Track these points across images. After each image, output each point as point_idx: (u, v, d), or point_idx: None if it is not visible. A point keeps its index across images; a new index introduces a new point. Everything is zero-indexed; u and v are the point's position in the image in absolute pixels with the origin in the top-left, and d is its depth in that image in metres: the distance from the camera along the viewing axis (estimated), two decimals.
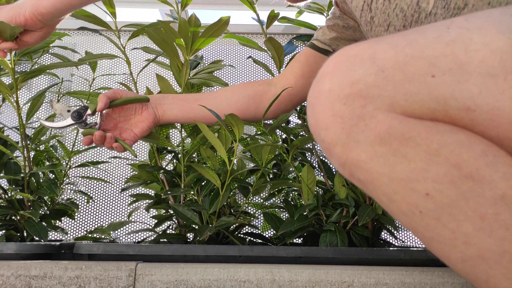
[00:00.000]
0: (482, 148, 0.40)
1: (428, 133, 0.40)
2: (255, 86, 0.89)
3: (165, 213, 0.97)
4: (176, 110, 0.85)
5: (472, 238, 0.39)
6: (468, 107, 0.39)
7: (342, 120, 0.42)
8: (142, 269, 0.62)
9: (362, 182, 0.44)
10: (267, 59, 1.26)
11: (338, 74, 0.43)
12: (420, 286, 0.61)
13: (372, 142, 0.41)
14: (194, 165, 0.86)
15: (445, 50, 0.40)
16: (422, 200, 0.40)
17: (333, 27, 0.84)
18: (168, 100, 0.86)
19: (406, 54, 0.41)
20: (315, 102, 0.44)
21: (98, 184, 1.25)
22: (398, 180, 0.41)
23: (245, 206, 1.01)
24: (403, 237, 1.24)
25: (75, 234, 1.21)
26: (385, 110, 0.41)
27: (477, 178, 0.39)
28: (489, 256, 0.39)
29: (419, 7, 0.57)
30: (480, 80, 0.39)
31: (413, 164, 0.40)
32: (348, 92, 0.42)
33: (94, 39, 1.34)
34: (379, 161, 0.41)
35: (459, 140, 0.40)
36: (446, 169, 0.39)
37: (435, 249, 0.43)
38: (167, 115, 0.85)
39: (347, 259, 0.71)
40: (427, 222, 0.41)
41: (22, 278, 0.61)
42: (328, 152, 0.45)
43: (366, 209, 0.81)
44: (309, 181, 0.87)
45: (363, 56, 0.42)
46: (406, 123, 0.40)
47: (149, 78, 1.32)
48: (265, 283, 0.61)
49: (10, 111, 1.26)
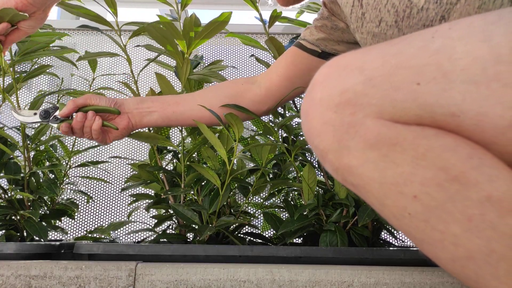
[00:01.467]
0: (468, 151, 0.41)
1: (414, 138, 0.42)
2: (237, 85, 0.87)
3: (165, 213, 0.97)
4: (156, 115, 0.82)
5: (460, 239, 0.40)
6: (453, 113, 0.40)
7: (333, 128, 0.44)
8: (142, 269, 0.62)
9: (355, 187, 0.46)
10: (268, 58, 1.26)
11: (329, 84, 0.45)
12: (420, 286, 0.61)
13: (362, 148, 0.43)
14: (194, 165, 0.86)
15: (430, 60, 0.42)
16: (410, 203, 0.42)
17: (321, 28, 0.83)
18: (146, 104, 0.82)
19: (392, 64, 0.43)
20: (308, 110, 0.46)
21: (98, 184, 1.25)
22: (388, 185, 0.42)
23: (245, 206, 1.01)
24: (403, 237, 1.24)
25: (75, 234, 1.21)
26: (374, 117, 0.42)
27: (463, 180, 0.40)
28: (477, 256, 0.40)
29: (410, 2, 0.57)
30: (464, 87, 0.40)
31: (400, 169, 0.42)
32: (338, 101, 0.44)
33: (94, 39, 1.34)
34: (369, 166, 0.43)
35: (445, 144, 0.41)
36: (433, 172, 0.40)
37: (426, 251, 0.44)
38: (145, 121, 0.82)
39: (347, 259, 0.71)
40: (417, 224, 0.42)
41: (22, 278, 0.61)
42: (322, 158, 0.47)
43: (366, 209, 0.81)
44: (310, 180, 0.87)
45: (352, 66, 0.44)
46: (394, 129, 0.42)
47: (149, 78, 1.32)
48: (265, 283, 0.61)
49: (10, 111, 1.26)
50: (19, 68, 1.11)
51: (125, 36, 1.24)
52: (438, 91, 0.41)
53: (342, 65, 0.45)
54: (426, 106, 0.41)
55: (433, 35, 0.43)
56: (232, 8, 1.69)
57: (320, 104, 0.45)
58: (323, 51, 0.83)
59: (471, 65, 0.40)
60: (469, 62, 0.40)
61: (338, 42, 0.83)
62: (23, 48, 0.89)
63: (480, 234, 0.39)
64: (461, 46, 0.41)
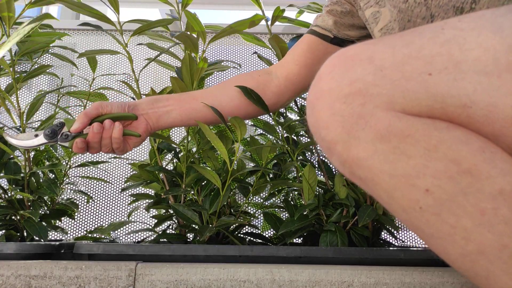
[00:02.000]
0: (479, 144, 0.40)
1: (426, 130, 0.41)
2: (255, 77, 0.83)
3: (165, 213, 0.97)
4: (175, 113, 0.76)
5: (471, 234, 0.40)
6: (464, 103, 0.40)
7: (342, 119, 0.43)
8: (142, 269, 0.62)
9: (363, 180, 0.45)
10: (271, 57, 1.26)
11: (337, 74, 0.44)
12: (420, 286, 0.61)
13: (372, 140, 0.42)
14: (196, 166, 0.86)
15: (441, 50, 0.41)
16: (422, 196, 0.41)
17: (331, 12, 0.82)
18: (161, 102, 0.76)
19: (403, 54, 0.42)
20: (315, 101, 0.45)
21: (98, 184, 1.25)
22: (398, 177, 0.42)
23: (245, 206, 1.01)
24: (403, 237, 1.24)
25: (75, 234, 1.21)
26: (384, 108, 0.42)
27: (475, 173, 0.39)
28: (488, 251, 0.39)
29: None
30: (475, 78, 0.40)
31: (412, 161, 0.41)
32: (347, 91, 0.43)
33: (94, 38, 1.34)
34: (379, 158, 0.42)
35: (456, 136, 0.41)
36: (445, 165, 0.40)
37: (434, 246, 0.43)
38: (163, 121, 0.75)
39: (347, 259, 0.71)
40: (427, 218, 0.41)
41: (22, 278, 0.61)
42: (329, 150, 0.45)
43: (367, 209, 0.81)
44: (311, 180, 0.87)
45: (361, 57, 0.44)
46: (405, 120, 0.41)
47: (150, 78, 1.32)
48: (265, 283, 0.61)
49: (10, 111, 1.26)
50: (19, 68, 1.11)
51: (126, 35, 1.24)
52: (450, 81, 0.40)
53: (350, 56, 0.44)
54: (437, 96, 0.41)
55: (443, 27, 0.43)
56: (232, 8, 1.69)
57: (328, 94, 0.44)
58: (335, 36, 0.82)
59: (482, 55, 0.40)
60: (480, 53, 0.40)
61: (349, 27, 0.82)
62: (23, 48, 0.89)
63: (492, 228, 0.39)
64: (472, 37, 0.41)
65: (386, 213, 0.87)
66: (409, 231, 1.24)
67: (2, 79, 1.27)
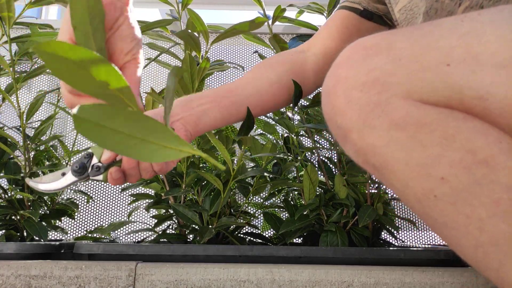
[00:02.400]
0: (496, 135, 0.41)
1: (443, 120, 0.41)
2: (288, 57, 0.76)
3: (165, 213, 0.97)
4: (213, 112, 0.64)
5: (486, 224, 0.39)
6: (481, 96, 0.40)
7: (358, 107, 0.43)
8: (142, 269, 0.62)
9: (377, 168, 0.45)
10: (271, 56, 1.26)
11: (355, 63, 0.44)
12: (420, 286, 0.61)
13: (388, 128, 0.42)
14: (198, 171, 0.86)
15: (460, 42, 0.42)
16: (437, 184, 0.41)
17: None
18: (195, 102, 0.64)
19: (422, 44, 0.43)
20: (331, 89, 0.45)
21: (98, 184, 1.25)
22: (413, 166, 0.42)
23: (245, 206, 1.01)
24: (403, 237, 1.24)
25: (75, 234, 1.21)
26: (402, 97, 0.42)
27: (491, 164, 0.39)
28: (502, 242, 0.39)
29: None
30: (493, 71, 0.40)
31: (429, 150, 0.41)
32: (365, 80, 0.43)
33: None
34: (395, 146, 0.42)
35: (473, 127, 0.41)
36: (462, 154, 0.40)
37: (447, 236, 0.43)
38: (202, 123, 0.63)
39: (347, 259, 0.71)
40: (442, 207, 0.41)
41: (22, 278, 0.61)
42: (344, 138, 0.46)
43: (367, 210, 0.81)
44: (312, 180, 0.87)
45: (380, 46, 0.44)
46: (422, 109, 0.42)
47: (150, 78, 1.32)
48: (265, 283, 0.61)
49: (10, 111, 1.26)
50: (19, 68, 1.11)
51: None
52: (468, 73, 0.41)
53: (368, 45, 0.45)
54: (455, 87, 0.41)
55: (463, 19, 0.43)
56: (232, 8, 1.69)
57: (345, 82, 0.44)
58: (365, 8, 0.80)
59: (501, 49, 0.40)
60: (499, 46, 0.40)
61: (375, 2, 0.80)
62: (23, 48, 0.89)
63: (507, 219, 0.39)
64: (492, 29, 0.41)
65: (386, 213, 0.87)
66: (409, 231, 1.24)
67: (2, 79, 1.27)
